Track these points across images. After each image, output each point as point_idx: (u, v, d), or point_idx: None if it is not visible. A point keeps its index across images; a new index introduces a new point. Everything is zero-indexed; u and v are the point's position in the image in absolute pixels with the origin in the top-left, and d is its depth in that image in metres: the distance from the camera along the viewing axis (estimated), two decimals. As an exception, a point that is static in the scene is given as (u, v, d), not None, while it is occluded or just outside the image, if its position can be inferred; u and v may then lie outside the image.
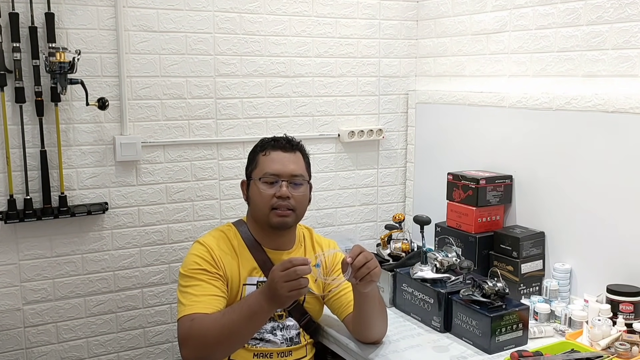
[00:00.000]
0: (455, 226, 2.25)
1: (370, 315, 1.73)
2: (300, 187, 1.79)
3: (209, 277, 1.69)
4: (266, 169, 1.78)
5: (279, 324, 1.78)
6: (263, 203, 1.76)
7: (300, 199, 1.79)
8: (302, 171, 1.81)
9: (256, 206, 1.80)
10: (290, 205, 1.76)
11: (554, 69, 2.15)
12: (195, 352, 1.58)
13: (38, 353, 2.21)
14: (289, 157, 1.80)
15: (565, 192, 2.07)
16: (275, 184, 1.76)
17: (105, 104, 2.09)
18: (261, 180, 1.77)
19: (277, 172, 1.77)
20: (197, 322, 1.59)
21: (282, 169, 1.77)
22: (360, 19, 2.64)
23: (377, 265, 1.61)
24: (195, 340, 1.57)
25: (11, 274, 2.13)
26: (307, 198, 1.85)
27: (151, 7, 2.22)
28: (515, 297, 2.00)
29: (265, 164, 1.79)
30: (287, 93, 2.53)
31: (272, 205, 1.75)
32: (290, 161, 1.80)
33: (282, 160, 1.79)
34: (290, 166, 1.79)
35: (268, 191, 1.76)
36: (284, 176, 1.77)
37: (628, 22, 1.90)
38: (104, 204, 2.21)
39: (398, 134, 2.83)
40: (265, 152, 1.81)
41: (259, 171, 1.79)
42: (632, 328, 1.72)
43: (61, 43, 2.08)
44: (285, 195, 1.75)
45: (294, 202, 1.77)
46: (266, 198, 1.76)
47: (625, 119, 1.86)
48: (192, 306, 1.63)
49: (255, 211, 1.81)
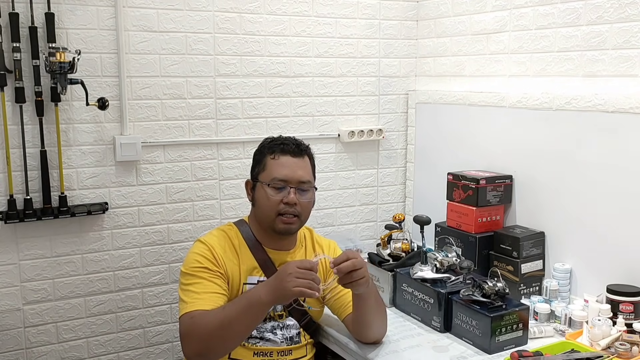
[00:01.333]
0: (455, 226, 2.25)
1: (367, 315, 1.73)
2: (307, 193, 1.79)
3: (210, 275, 1.69)
4: (275, 173, 1.76)
5: (279, 323, 1.78)
6: (270, 208, 1.76)
7: (306, 205, 1.79)
8: (309, 177, 1.81)
9: (262, 210, 1.79)
10: (296, 212, 1.76)
11: (554, 69, 2.15)
12: (196, 348, 1.58)
13: (38, 353, 2.21)
14: (297, 163, 1.79)
15: (565, 192, 2.07)
16: (283, 190, 1.75)
17: (105, 104, 2.09)
18: (269, 186, 1.76)
19: (285, 178, 1.75)
20: (197, 319, 1.59)
21: (291, 175, 1.76)
22: (360, 19, 2.64)
23: (363, 276, 1.60)
24: (196, 336, 1.58)
25: (11, 274, 2.13)
26: (313, 203, 1.84)
27: (151, 7, 2.22)
28: (515, 297, 2.00)
29: (274, 169, 1.77)
30: (287, 93, 2.53)
31: (279, 211, 1.75)
32: (298, 167, 1.78)
33: (290, 165, 1.77)
34: (298, 172, 1.77)
35: (275, 197, 1.75)
36: (292, 183, 1.76)
37: (628, 22, 1.90)
38: (104, 204, 2.21)
39: (398, 134, 2.83)
40: (274, 156, 1.79)
41: (267, 175, 1.78)
42: (632, 328, 1.72)
43: (61, 43, 2.08)
44: (293, 202, 1.74)
45: (300, 209, 1.77)
46: (273, 203, 1.75)
47: (625, 119, 1.86)
48: (193, 303, 1.63)
49: (261, 214, 1.80)
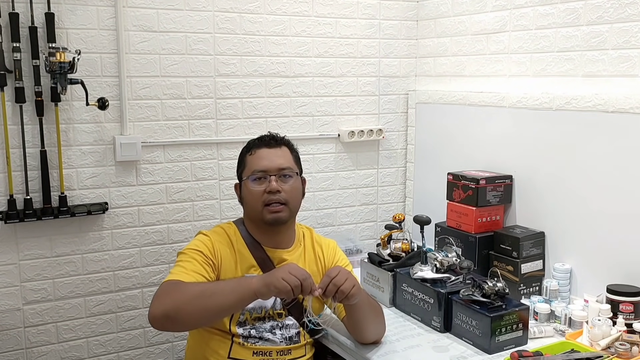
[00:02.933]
0: (455, 226, 2.25)
1: (362, 320, 1.73)
2: (289, 179, 1.80)
3: (203, 260, 1.71)
4: (254, 167, 1.79)
5: (278, 322, 1.78)
6: (254, 200, 1.77)
7: (291, 191, 1.79)
8: (289, 164, 1.82)
9: (249, 205, 1.81)
10: (282, 199, 1.76)
11: (554, 69, 2.14)
12: (166, 308, 1.51)
13: (38, 353, 2.21)
14: (274, 152, 1.81)
15: (565, 192, 2.07)
16: (264, 179, 1.77)
17: (105, 104, 2.09)
18: (250, 179, 1.79)
19: (264, 168, 1.78)
20: (179, 285, 1.57)
21: (269, 165, 1.78)
22: (360, 19, 2.64)
23: (352, 286, 1.60)
24: (171, 298, 1.53)
25: (11, 274, 2.13)
26: (300, 191, 1.85)
27: (151, 7, 2.22)
28: (515, 297, 2.00)
29: (253, 162, 1.80)
30: (287, 93, 2.53)
31: (264, 201, 1.76)
32: (276, 156, 1.81)
33: (268, 156, 1.80)
34: (277, 160, 1.79)
35: (258, 188, 1.77)
36: (272, 171, 1.78)
37: (628, 22, 1.90)
38: (104, 204, 2.21)
39: (398, 134, 2.83)
40: (251, 152, 1.83)
41: (247, 170, 1.81)
42: (632, 328, 1.72)
43: (61, 43, 2.08)
44: (275, 190, 1.75)
45: (285, 196, 1.77)
46: (257, 195, 1.77)
47: (625, 119, 1.86)
48: (178, 275, 1.63)
49: (249, 210, 1.82)
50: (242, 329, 1.74)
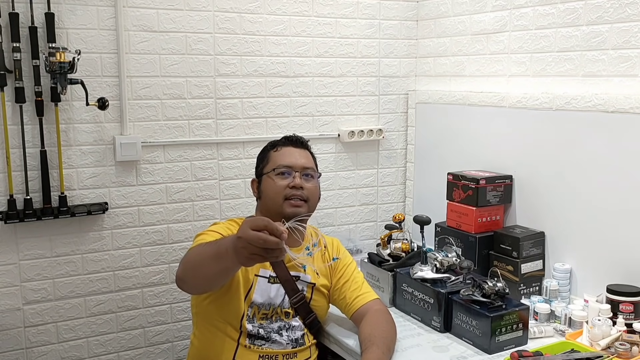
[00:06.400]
0: (455, 226, 2.25)
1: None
2: (311, 179, 1.85)
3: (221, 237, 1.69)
4: (279, 161, 1.83)
5: (285, 323, 1.78)
6: (277, 194, 1.79)
7: (312, 190, 1.83)
8: (312, 165, 1.88)
9: (270, 198, 1.82)
10: (303, 196, 1.80)
11: (554, 69, 2.15)
12: (177, 272, 1.58)
13: (38, 353, 2.21)
14: (300, 152, 1.87)
15: (565, 192, 2.07)
16: (288, 175, 1.81)
17: (105, 104, 2.09)
18: (275, 172, 1.82)
19: (290, 164, 1.82)
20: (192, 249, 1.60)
21: (295, 162, 1.83)
22: (360, 19, 2.64)
23: None
24: (182, 260, 1.58)
25: (11, 274, 2.13)
26: (318, 192, 1.89)
27: (151, 7, 2.22)
28: (515, 297, 2.00)
29: (278, 158, 1.85)
30: (287, 93, 2.53)
31: (286, 195, 1.79)
32: (301, 156, 1.87)
33: (293, 154, 1.86)
34: (301, 159, 1.85)
35: (282, 182, 1.80)
36: (297, 168, 1.82)
37: (628, 22, 1.90)
38: (104, 204, 2.21)
39: (398, 134, 2.83)
40: (277, 149, 1.88)
41: (272, 165, 1.84)
42: (632, 328, 1.72)
43: (61, 43, 2.08)
44: (299, 185, 1.79)
45: (307, 193, 1.81)
46: (280, 189, 1.79)
47: (625, 119, 1.86)
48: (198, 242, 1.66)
49: (269, 202, 1.82)
50: (251, 326, 1.73)
